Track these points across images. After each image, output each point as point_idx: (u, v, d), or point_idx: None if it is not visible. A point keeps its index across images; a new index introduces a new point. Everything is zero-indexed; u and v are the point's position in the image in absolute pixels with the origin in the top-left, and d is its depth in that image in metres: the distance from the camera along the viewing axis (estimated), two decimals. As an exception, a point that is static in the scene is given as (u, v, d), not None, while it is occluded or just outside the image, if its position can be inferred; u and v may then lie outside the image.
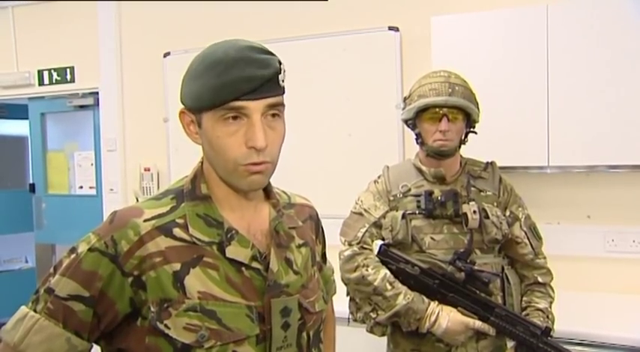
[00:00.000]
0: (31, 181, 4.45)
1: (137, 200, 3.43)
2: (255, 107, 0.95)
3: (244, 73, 0.93)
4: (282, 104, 1.00)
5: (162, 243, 0.97)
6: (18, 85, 4.00)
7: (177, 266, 0.96)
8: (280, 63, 0.99)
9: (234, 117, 0.95)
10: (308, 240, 1.16)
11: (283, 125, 1.02)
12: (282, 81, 0.99)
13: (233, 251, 1.00)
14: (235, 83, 0.93)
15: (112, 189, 3.76)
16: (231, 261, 1.00)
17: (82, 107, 3.99)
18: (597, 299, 2.49)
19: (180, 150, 3.39)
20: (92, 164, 4.03)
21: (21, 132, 5.03)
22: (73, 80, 3.88)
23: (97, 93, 3.81)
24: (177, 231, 0.99)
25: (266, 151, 0.96)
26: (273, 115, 0.99)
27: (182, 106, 1.03)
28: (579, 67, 2.34)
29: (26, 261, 5.31)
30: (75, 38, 3.82)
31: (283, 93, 1.00)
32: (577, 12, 2.35)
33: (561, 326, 1.87)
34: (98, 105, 3.82)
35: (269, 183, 1.11)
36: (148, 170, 3.61)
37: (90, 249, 0.95)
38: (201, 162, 1.07)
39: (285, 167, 1.05)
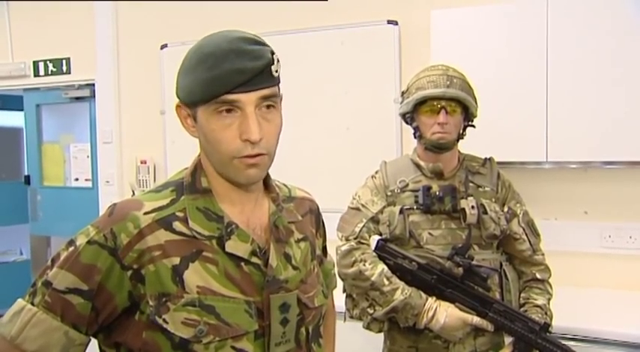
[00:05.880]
0: (26, 173, 4.44)
1: (133, 193, 3.41)
2: (247, 99, 0.94)
3: (235, 66, 0.92)
4: (276, 95, 0.98)
5: (162, 236, 0.96)
6: (13, 75, 3.97)
7: (176, 260, 0.95)
8: (273, 53, 0.97)
9: (228, 110, 0.95)
10: (307, 234, 1.15)
11: (279, 116, 1.00)
12: (276, 71, 0.97)
13: (233, 245, 0.99)
14: (226, 76, 0.92)
15: (108, 182, 3.75)
16: (231, 255, 0.99)
17: (77, 99, 3.97)
18: (593, 295, 2.49)
19: (176, 142, 3.37)
20: (88, 156, 4.02)
21: (16, 123, 5.00)
22: (68, 71, 3.85)
23: (93, 84, 3.78)
24: (177, 225, 0.98)
25: (261, 143, 0.95)
26: (268, 107, 0.97)
27: (178, 100, 1.02)
28: (579, 63, 2.34)
29: (21, 253, 5.29)
30: (71, 29, 3.79)
31: (278, 83, 0.99)
32: (577, 7, 2.35)
33: (557, 322, 1.86)
34: (94, 96, 3.80)
35: (269, 177, 1.11)
36: (145, 162, 3.60)
37: (89, 242, 0.94)
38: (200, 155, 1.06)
39: (282, 160, 1.05)
